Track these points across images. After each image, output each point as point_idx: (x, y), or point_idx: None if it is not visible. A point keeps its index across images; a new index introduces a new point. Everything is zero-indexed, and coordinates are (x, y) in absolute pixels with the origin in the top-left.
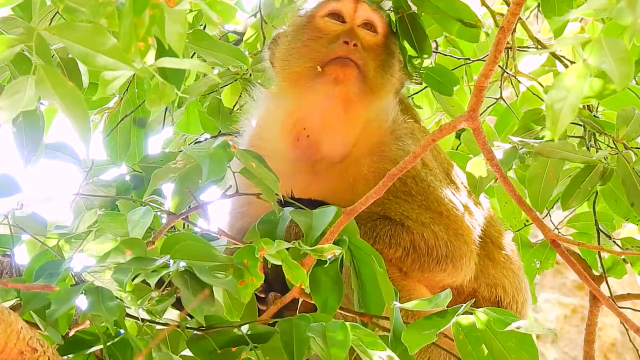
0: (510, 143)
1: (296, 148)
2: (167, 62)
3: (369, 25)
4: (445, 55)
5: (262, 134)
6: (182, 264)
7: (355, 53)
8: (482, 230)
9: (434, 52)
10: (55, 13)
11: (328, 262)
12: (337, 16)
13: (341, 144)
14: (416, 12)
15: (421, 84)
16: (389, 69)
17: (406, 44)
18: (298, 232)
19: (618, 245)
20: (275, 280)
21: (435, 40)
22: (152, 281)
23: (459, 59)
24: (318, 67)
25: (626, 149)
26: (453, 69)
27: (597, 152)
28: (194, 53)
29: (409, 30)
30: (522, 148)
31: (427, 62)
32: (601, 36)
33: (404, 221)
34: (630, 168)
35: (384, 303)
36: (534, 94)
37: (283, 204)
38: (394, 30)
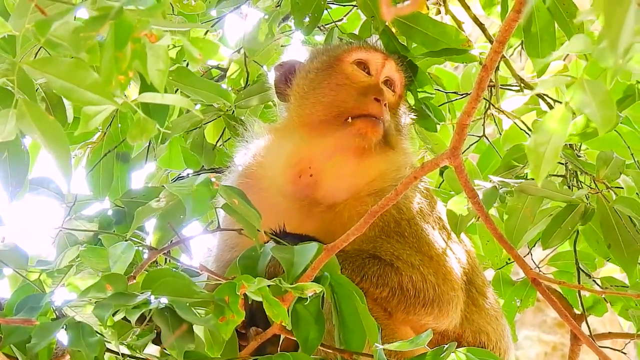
0: (490, 182)
1: (295, 185)
2: (149, 97)
3: (389, 83)
4: (438, 90)
5: (263, 163)
6: (163, 300)
7: (385, 113)
8: (468, 278)
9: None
10: (40, 48)
11: (309, 299)
12: (363, 66)
13: (344, 191)
14: (408, 50)
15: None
16: (402, 126)
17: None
18: (279, 268)
19: (598, 285)
20: (259, 312)
21: None
22: (133, 318)
23: (449, 92)
24: (350, 118)
25: (607, 188)
26: (441, 104)
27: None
28: (177, 89)
29: (408, 71)
30: (503, 188)
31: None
32: (583, 78)
33: (394, 262)
34: (608, 208)
35: (365, 339)
36: (521, 129)
37: (275, 237)
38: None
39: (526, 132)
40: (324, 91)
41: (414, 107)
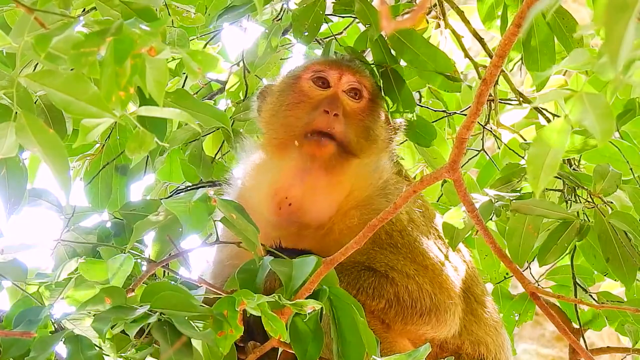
0: (486, 196)
1: (279, 215)
2: (148, 111)
3: (353, 91)
4: (424, 107)
5: (248, 193)
6: (162, 314)
7: (335, 124)
8: (466, 287)
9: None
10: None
11: (307, 316)
12: (322, 80)
13: (326, 209)
14: (397, 62)
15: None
16: (372, 132)
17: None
18: (279, 282)
19: (594, 300)
20: (257, 326)
21: (419, 92)
22: (132, 332)
23: (437, 111)
24: (296, 142)
25: (604, 203)
26: (435, 121)
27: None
28: None
29: (392, 85)
30: (498, 201)
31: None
32: (583, 92)
33: (389, 273)
34: (606, 222)
35: (364, 352)
36: (511, 149)
37: (269, 252)
38: (380, 90)
39: (517, 154)
40: (283, 113)
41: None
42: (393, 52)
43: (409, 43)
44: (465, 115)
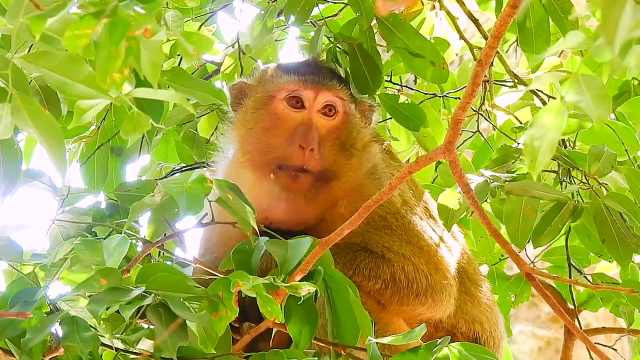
0: (481, 176)
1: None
2: (142, 92)
3: (328, 108)
4: (414, 89)
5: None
6: (157, 296)
7: (311, 160)
8: (460, 266)
9: (404, 86)
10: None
11: (302, 298)
12: (296, 100)
13: (312, 217)
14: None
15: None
16: (349, 144)
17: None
18: (272, 264)
19: (588, 280)
20: (252, 306)
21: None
22: (127, 314)
23: (426, 93)
24: (271, 175)
25: (599, 184)
26: (425, 100)
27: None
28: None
29: (360, 65)
30: (494, 182)
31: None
32: (579, 73)
33: (385, 253)
34: (601, 203)
35: (358, 333)
36: (503, 132)
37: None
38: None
39: (507, 135)
40: (257, 135)
41: (396, 107)
42: (384, 42)
43: (398, 32)
44: (457, 97)
